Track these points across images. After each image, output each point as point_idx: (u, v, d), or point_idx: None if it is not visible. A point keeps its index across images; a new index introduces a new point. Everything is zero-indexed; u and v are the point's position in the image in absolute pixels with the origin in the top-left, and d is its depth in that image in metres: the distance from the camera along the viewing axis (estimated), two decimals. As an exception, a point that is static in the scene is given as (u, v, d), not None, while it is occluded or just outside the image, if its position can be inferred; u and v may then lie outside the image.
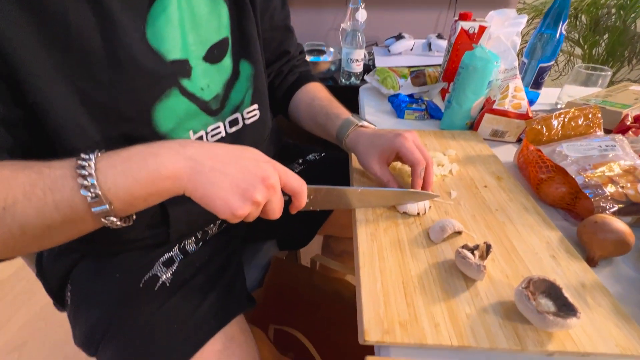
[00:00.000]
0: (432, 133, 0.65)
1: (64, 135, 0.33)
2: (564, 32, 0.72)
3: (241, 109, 0.48)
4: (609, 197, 0.42)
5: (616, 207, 0.42)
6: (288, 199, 0.37)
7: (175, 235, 0.45)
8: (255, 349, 0.44)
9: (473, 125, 0.67)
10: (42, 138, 0.33)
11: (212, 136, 0.45)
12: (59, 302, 0.49)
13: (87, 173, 0.27)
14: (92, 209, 0.27)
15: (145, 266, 0.44)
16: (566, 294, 0.30)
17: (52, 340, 1.01)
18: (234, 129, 0.47)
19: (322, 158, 0.69)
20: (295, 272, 0.75)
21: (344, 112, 0.55)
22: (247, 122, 0.49)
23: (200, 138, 0.43)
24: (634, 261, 0.39)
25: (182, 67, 0.39)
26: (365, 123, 0.53)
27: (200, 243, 0.50)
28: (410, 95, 0.78)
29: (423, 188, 0.45)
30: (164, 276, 0.43)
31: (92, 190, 0.27)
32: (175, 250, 0.47)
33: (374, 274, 0.36)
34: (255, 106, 0.50)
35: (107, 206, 0.28)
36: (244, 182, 0.31)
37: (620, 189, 0.42)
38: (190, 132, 0.42)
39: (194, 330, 0.39)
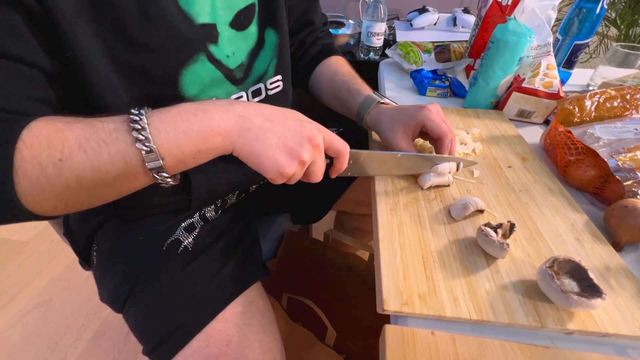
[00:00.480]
0: (454, 111, 0.63)
1: (98, 92, 0.33)
2: (605, 7, 0.67)
3: (264, 80, 0.47)
4: (642, 182, 0.40)
5: (648, 193, 0.40)
6: (329, 162, 0.37)
7: (197, 202, 0.46)
8: (272, 313, 0.45)
9: (498, 105, 0.65)
10: (77, 96, 0.33)
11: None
12: (86, 261, 0.51)
13: (140, 127, 0.27)
14: (146, 164, 0.28)
15: (168, 231, 0.45)
16: (592, 275, 0.30)
17: (76, 297, 1.07)
18: (256, 99, 0.47)
19: (341, 133, 0.68)
20: (308, 245, 0.76)
21: (365, 89, 0.53)
22: (270, 93, 0.48)
23: None
24: (661, 248, 0.38)
25: (210, 32, 0.38)
26: (387, 100, 0.51)
27: (220, 211, 0.51)
28: (434, 72, 0.75)
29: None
30: (186, 241, 0.45)
31: (146, 144, 0.27)
32: (196, 216, 0.48)
33: (393, 248, 0.36)
34: (279, 77, 0.49)
35: (161, 161, 0.28)
36: (291, 140, 0.31)
37: (654, 174, 0.41)
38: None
39: (216, 293, 0.41)
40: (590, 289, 0.30)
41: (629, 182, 0.40)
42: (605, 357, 0.27)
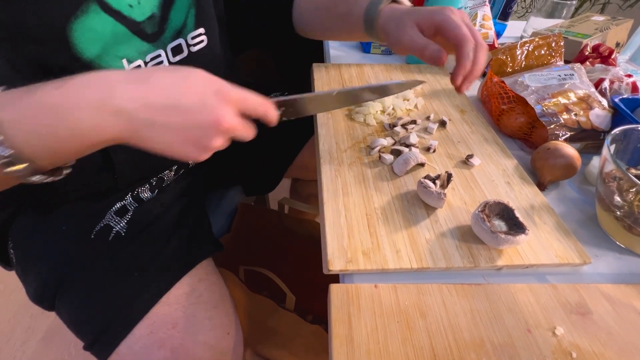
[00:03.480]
0: (398, 67, 0.63)
1: None
2: (536, -45, 0.68)
3: (184, 34, 0.41)
4: (563, 125, 0.43)
5: (568, 134, 0.43)
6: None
7: (125, 182, 0.42)
8: (225, 289, 0.44)
9: (440, 59, 0.65)
10: None
11: (153, 66, 0.39)
12: (4, 261, 0.45)
13: None
14: (4, 170, 0.22)
15: (95, 216, 0.40)
16: (517, 214, 0.32)
17: (16, 300, 0.98)
18: (178, 57, 0.41)
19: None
20: (263, 215, 0.74)
21: None
22: (193, 49, 0.43)
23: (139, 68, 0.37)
24: (578, 183, 0.42)
25: None
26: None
27: (157, 190, 0.47)
28: (377, 27, 0.72)
29: (473, 72, 0.36)
30: (118, 226, 0.40)
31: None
32: (128, 198, 0.43)
33: (337, 208, 0.35)
34: (201, 30, 0.43)
35: (26, 165, 0.22)
36: (193, 133, 0.26)
37: (573, 117, 0.44)
38: (124, 61, 0.36)
39: (157, 276, 0.38)
40: (516, 227, 0.32)
41: (552, 126, 0.43)
42: (527, 286, 0.30)
